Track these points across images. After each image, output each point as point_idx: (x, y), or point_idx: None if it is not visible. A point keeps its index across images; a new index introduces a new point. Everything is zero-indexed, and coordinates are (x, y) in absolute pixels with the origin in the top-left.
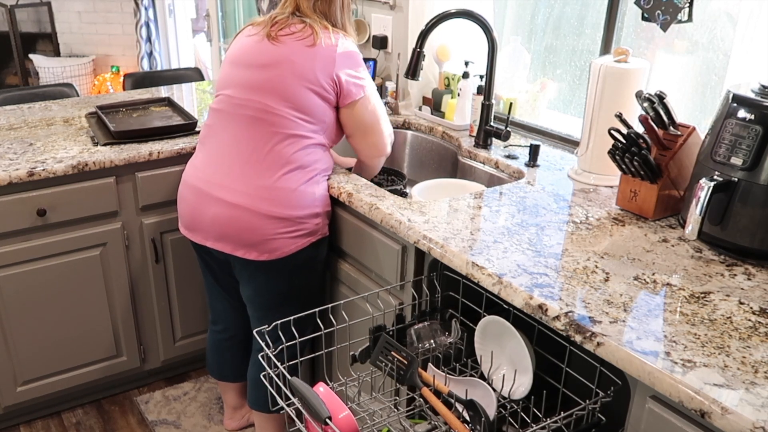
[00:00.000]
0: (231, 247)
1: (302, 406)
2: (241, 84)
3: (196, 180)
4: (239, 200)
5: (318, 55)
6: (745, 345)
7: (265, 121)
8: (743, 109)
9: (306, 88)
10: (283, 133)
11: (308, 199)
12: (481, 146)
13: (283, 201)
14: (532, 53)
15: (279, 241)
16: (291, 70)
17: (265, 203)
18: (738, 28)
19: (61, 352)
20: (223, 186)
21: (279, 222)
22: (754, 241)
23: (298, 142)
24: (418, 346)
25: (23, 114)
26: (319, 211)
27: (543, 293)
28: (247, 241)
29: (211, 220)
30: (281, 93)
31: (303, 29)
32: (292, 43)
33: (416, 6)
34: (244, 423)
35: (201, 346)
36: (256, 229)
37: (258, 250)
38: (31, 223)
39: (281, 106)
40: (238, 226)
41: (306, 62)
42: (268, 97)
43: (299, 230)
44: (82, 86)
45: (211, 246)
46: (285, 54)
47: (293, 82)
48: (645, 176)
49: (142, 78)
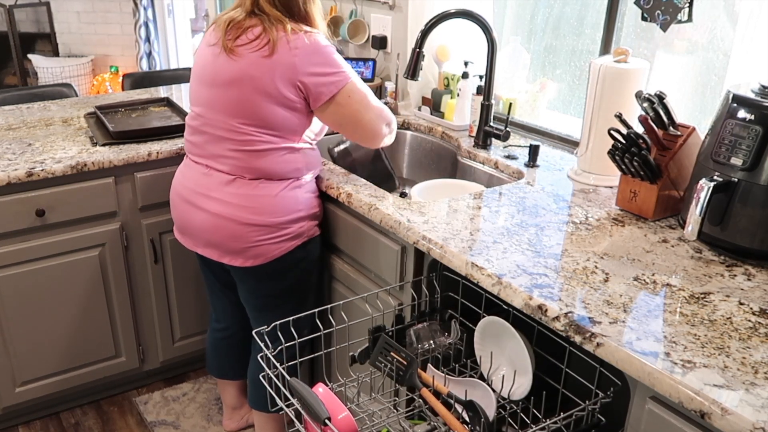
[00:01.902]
0: (218, 254)
1: (301, 406)
2: (207, 103)
3: (183, 188)
4: (220, 210)
5: (277, 65)
6: (745, 345)
7: (233, 140)
8: (743, 110)
9: (270, 103)
10: (253, 150)
11: (289, 204)
12: (481, 146)
13: (264, 208)
14: (532, 53)
15: (262, 247)
16: (252, 86)
17: (245, 212)
18: (738, 28)
19: (59, 352)
20: (205, 196)
21: (261, 229)
22: (754, 241)
23: (270, 154)
24: (417, 347)
25: (22, 114)
26: (302, 215)
27: (542, 294)
28: (232, 248)
29: (199, 228)
30: (245, 112)
31: (260, 36)
32: (249, 56)
33: (416, 6)
34: (243, 424)
35: (200, 347)
36: (239, 237)
37: (243, 257)
38: (29, 224)
39: (247, 125)
40: (222, 234)
41: (265, 75)
42: (233, 117)
43: (282, 235)
44: (81, 86)
45: (201, 252)
46: (243, 69)
47: (256, 100)
48: (645, 177)
49: (141, 78)
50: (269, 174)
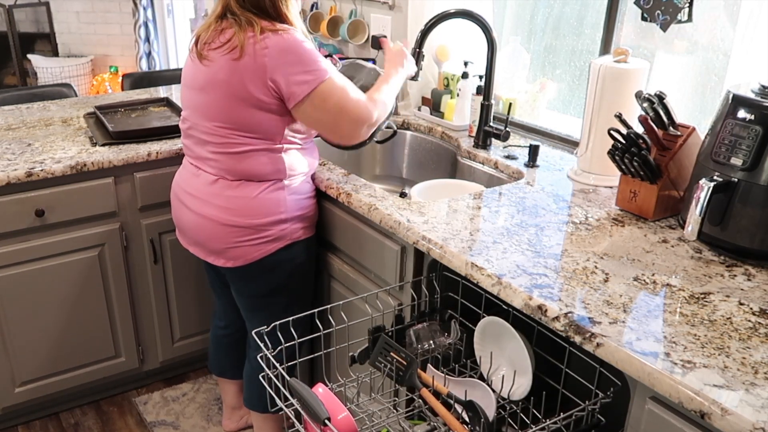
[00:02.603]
0: (203, 253)
1: (301, 407)
2: (190, 106)
3: (177, 188)
4: (204, 210)
5: (247, 68)
6: (745, 346)
7: (213, 143)
8: (743, 110)
9: (245, 106)
10: (232, 152)
11: (269, 206)
12: (481, 146)
13: (243, 210)
14: (532, 53)
15: (242, 248)
16: (224, 91)
17: (225, 213)
18: (738, 28)
19: (59, 352)
20: (192, 196)
21: (240, 230)
22: (754, 241)
23: (249, 156)
24: (417, 347)
25: (21, 114)
26: (285, 217)
27: (542, 294)
28: (213, 248)
29: (187, 227)
30: (221, 116)
31: (231, 39)
32: (220, 59)
33: (415, 6)
34: (243, 424)
35: (200, 347)
36: (219, 238)
37: (224, 257)
38: (29, 224)
39: (224, 128)
40: (205, 234)
41: (235, 78)
42: (211, 120)
43: (262, 237)
44: (81, 86)
45: (191, 250)
46: (215, 74)
47: (230, 104)
48: (645, 177)
49: (141, 78)
50: (249, 175)
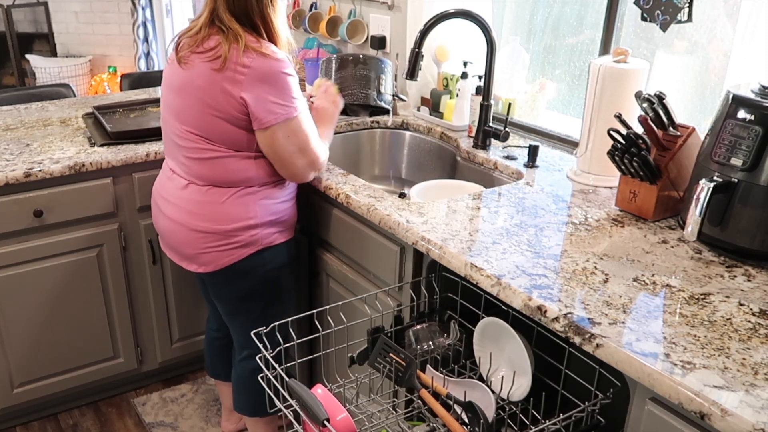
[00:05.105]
0: (177, 258)
1: (300, 407)
2: (166, 107)
3: (154, 191)
4: (175, 215)
5: (224, 81)
6: (744, 346)
7: (184, 146)
8: (743, 110)
9: (216, 117)
10: (200, 158)
11: (239, 211)
12: (480, 147)
13: (211, 215)
14: (531, 53)
15: (212, 254)
16: (197, 97)
17: (194, 218)
18: (738, 28)
19: (57, 353)
20: (166, 200)
21: (209, 236)
22: (753, 242)
23: (217, 162)
24: (416, 348)
25: (20, 114)
26: (254, 223)
27: (542, 294)
28: (185, 254)
29: (161, 231)
30: (192, 122)
31: (215, 48)
32: (199, 65)
33: (415, 6)
34: (242, 426)
35: (198, 348)
36: (189, 243)
37: (196, 263)
38: (27, 224)
39: (193, 134)
40: (176, 239)
41: (210, 87)
42: (183, 123)
43: (231, 243)
44: (79, 87)
45: (168, 255)
46: (192, 79)
47: (203, 111)
48: (644, 177)
49: (139, 78)
50: (218, 181)
